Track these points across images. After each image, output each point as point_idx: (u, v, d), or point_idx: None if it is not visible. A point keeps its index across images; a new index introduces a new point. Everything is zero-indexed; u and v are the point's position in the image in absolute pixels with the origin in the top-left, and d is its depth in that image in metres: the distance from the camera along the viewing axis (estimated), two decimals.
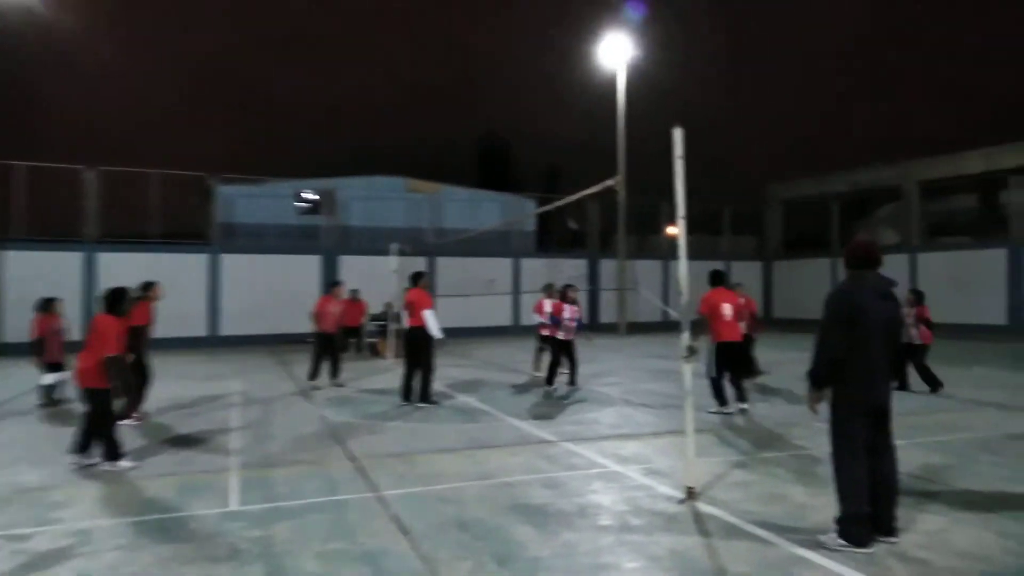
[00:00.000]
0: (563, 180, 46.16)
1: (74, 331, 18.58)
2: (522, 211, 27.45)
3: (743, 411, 8.75)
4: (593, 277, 26.45)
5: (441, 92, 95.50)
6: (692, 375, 5.36)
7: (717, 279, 9.06)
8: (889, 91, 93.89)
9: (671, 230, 31.82)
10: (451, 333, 9.97)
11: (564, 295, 11.65)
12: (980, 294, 22.54)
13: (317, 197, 23.46)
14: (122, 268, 18.70)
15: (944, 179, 27.82)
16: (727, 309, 8.79)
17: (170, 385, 12.08)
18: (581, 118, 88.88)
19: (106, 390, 6.28)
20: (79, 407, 6.98)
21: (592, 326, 25.97)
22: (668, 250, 28.73)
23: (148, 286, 9.17)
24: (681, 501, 5.17)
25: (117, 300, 6.58)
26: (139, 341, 8.74)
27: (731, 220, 29.80)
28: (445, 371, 11.04)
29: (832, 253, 28.02)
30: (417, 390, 9.79)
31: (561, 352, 11.31)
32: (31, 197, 19.92)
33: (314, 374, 11.63)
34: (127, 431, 8.07)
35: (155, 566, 4.13)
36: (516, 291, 24.11)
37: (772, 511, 4.95)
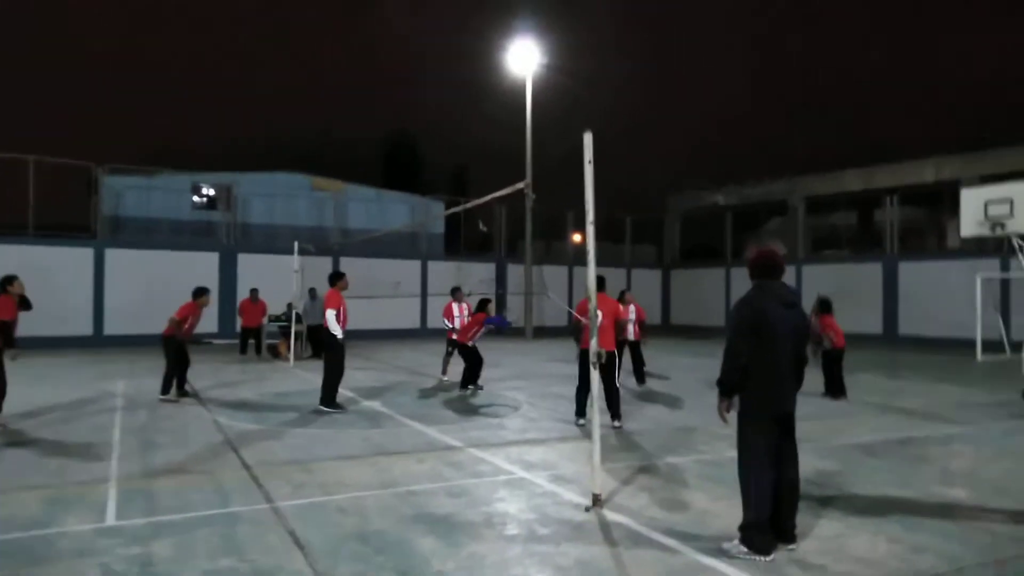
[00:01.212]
0: (472, 183, 46.12)
1: None
2: (430, 213, 27.18)
3: (616, 428, 8.10)
4: (501, 281, 26.50)
5: (347, 87, 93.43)
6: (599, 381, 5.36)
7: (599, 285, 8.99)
8: (780, 110, 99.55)
9: (577, 237, 32.41)
10: (356, 335, 9.64)
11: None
12: (859, 305, 24.11)
13: (213, 192, 22.35)
14: None
15: (827, 195, 29.68)
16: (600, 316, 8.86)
17: (45, 387, 11.14)
18: (491, 122, 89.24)
19: None
20: None
21: (499, 331, 26.09)
22: (574, 256, 29.23)
23: (8, 280, 8.41)
24: (587, 509, 5.14)
25: None
26: (5, 337, 8.01)
27: (632, 229, 30.63)
28: (350, 374, 10.67)
29: (726, 263, 29.31)
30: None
31: (463, 355, 11.40)
32: None
33: (167, 387, 10.18)
34: None
35: None
36: (424, 294, 23.81)
37: (676, 518, 5.00)
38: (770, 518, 4.28)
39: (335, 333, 9.32)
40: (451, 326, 12.44)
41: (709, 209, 32.50)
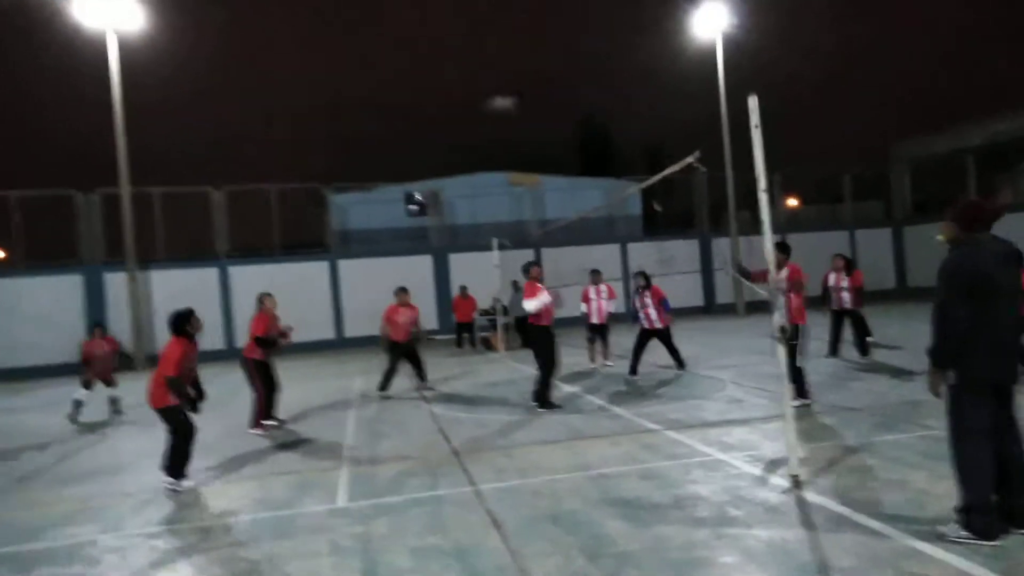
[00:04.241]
0: (671, 158, 44.91)
1: (219, 341, 20.16)
2: (626, 195, 26.98)
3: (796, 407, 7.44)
4: (706, 257, 25.61)
5: (535, 82, 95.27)
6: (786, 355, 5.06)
7: (785, 252, 8.15)
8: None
9: (791, 201, 30.26)
10: (561, 324, 9.86)
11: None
12: None
13: (423, 199, 24.15)
14: (251, 280, 20.09)
15: None
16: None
17: (295, 387, 12.83)
18: (682, 93, 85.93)
19: (175, 407, 6.37)
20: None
21: (709, 308, 25.25)
22: (786, 223, 27.34)
23: (262, 297, 9.54)
24: (785, 490, 4.90)
25: (180, 322, 6.58)
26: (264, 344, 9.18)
27: (853, 185, 27.92)
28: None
29: None
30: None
31: (659, 338, 11.11)
32: (167, 220, 21.79)
33: (385, 384, 10.99)
34: (255, 437, 8.66)
35: (264, 562, 4.39)
36: (625, 277, 23.74)
37: (888, 500, 4.59)
38: (997, 500, 3.79)
39: (530, 310, 8.87)
40: (585, 310, 12.39)
41: (945, 155, 28.66)
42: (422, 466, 6.51)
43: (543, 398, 8.89)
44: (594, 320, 12.49)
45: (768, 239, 5.06)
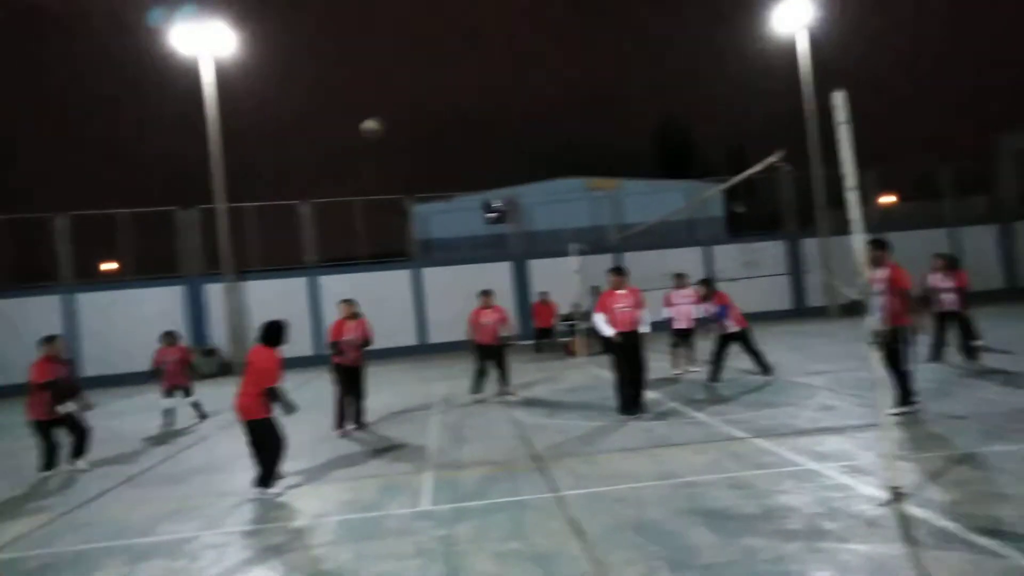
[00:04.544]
0: (752, 158, 43.63)
1: (307, 348, 20.93)
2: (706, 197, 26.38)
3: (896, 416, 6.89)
4: (795, 258, 24.72)
5: (612, 86, 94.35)
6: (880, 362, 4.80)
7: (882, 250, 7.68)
8: None
9: (886, 199, 28.80)
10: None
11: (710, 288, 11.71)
12: None
13: (501, 206, 24.38)
14: (339, 288, 20.72)
15: None
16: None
17: (381, 393, 13.15)
18: (766, 91, 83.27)
19: (267, 420, 6.43)
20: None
21: (799, 311, 24.32)
22: (880, 222, 26.04)
23: (346, 303, 9.85)
24: (884, 503, 4.64)
25: (273, 332, 6.64)
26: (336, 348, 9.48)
27: (954, 180, 26.30)
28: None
29: None
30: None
31: (728, 344, 10.80)
32: (260, 232, 22.87)
33: (477, 388, 11.19)
34: (342, 441, 8.94)
35: (352, 561, 4.52)
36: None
37: (997, 514, 4.29)
38: None
39: (604, 334, 8.98)
40: (670, 315, 12.08)
41: None
42: (504, 471, 6.54)
43: (630, 403, 8.75)
44: (680, 325, 12.25)
45: (858, 239, 4.83)
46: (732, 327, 10.77)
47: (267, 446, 6.43)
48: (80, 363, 20.30)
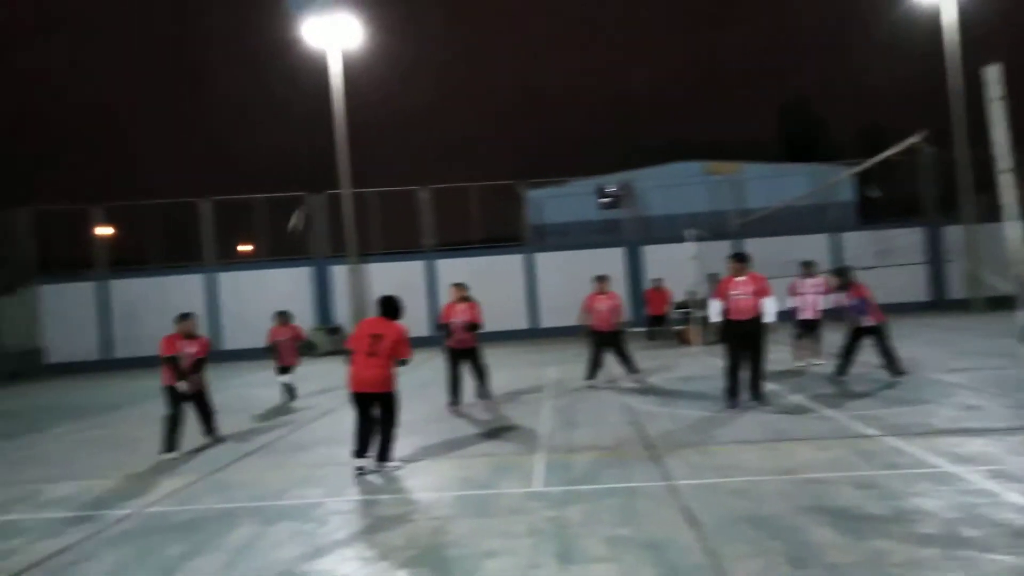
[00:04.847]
0: (888, 139, 40.66)
1: (423, 328, 21.73)
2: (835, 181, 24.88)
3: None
4: (935, 247, 22.94)
5: (734, 68, 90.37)
6: None
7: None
8: None
9: None
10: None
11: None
12: None
13: (615, 191, 24.08)
14: (454, 271, 21.24)
15: None
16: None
17: (495, 375, 13.39)
18: (903, 65, 77.11)
19: (392, 393, 6.63)
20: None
21: (938, 303, 22.57)
22: None
23: (459, 286, 10.16)
24: None
25: (394, 307, 6.85)
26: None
27: None
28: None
29: None
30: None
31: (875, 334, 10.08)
32: (384, 217, 23.84)
33: (591, 373, 11.10)
34: (457, 420, 9.19)
35: (467, 536, 4.66)
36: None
37: None
38: None
39: (711, 318, 8.94)
40: (795, 304, 11.42)
41: None
42: (616, 457, 6.51)
43: (732, 392, 8.54)
44: (806, 315, 11.67)
45: (1013, 226, 4.41)
46: (868, 321, 10.09)
47: (394, 420, 6.70)
48: (220, 338, 21.99)
